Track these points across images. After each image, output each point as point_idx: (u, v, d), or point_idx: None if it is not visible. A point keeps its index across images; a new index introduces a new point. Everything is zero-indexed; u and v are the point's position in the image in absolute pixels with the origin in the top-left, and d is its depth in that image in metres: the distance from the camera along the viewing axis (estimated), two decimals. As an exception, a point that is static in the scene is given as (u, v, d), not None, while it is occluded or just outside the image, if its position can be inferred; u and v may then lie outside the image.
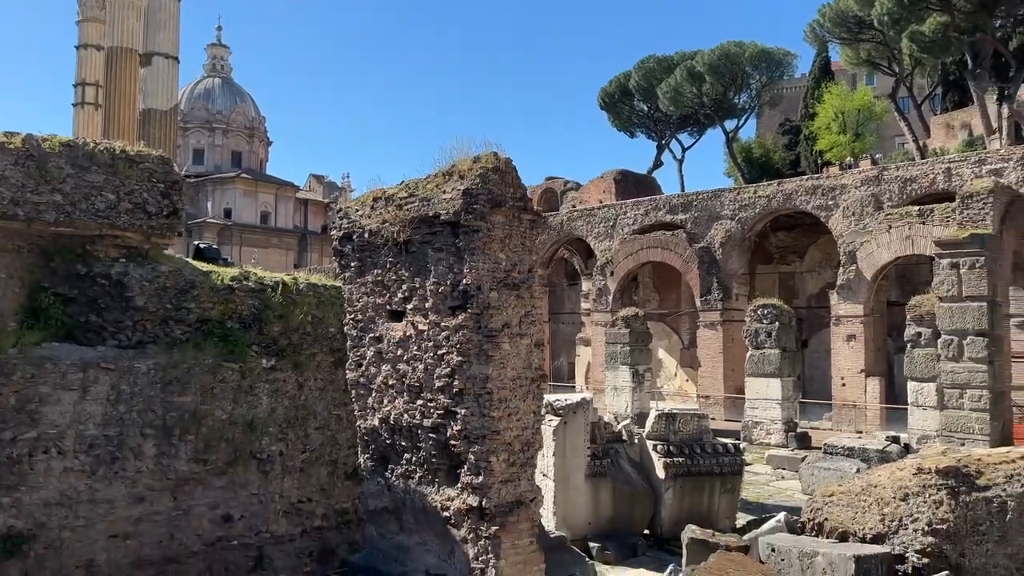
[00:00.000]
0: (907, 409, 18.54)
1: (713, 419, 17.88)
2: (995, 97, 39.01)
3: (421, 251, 6.24)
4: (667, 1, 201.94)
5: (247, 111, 70.37)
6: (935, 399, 17.09)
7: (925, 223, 21.99)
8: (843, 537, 8.63)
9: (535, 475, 6.33)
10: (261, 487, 7.70)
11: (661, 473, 11.03)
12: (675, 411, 11.92)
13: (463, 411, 5.98)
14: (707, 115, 50.06)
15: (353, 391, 6.92)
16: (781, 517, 9.82)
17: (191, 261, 8.70)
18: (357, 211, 6.81)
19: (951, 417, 16.24)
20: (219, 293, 7.83)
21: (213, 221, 60.21)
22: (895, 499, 8.55)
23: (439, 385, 6.12)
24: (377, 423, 6.63)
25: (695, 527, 9.14)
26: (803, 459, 16.10)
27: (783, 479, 16.78)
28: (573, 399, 10.82)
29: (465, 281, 5.95)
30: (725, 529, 10.58)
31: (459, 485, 6.03)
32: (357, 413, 6.87)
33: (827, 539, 8.69)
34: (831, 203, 25.70)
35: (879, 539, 8.35)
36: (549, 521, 10.00)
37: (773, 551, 8.21)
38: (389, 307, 6.52)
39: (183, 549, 7.16)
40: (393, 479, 6.56)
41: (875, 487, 8.91)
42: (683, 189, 46.53)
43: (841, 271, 24.72)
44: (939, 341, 16.70)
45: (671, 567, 9.12)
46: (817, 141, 45.64)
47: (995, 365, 16.00)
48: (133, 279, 7.40)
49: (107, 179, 7.37)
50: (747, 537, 9.21)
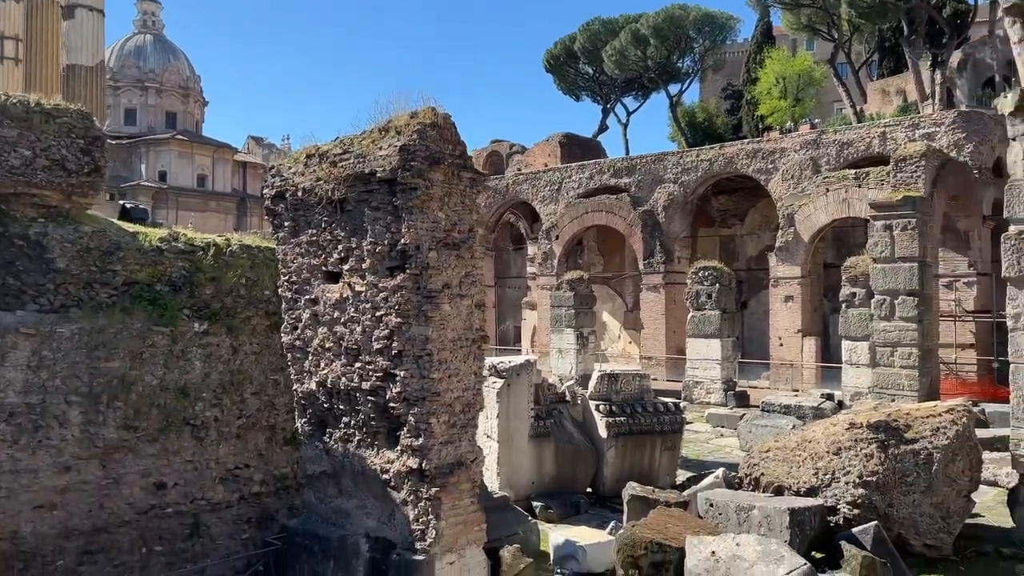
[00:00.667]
0: (841, 367, 19.11)
1: (655, 379, 18.16)
2: (929, 63, 39.91)
3: (357, 210, 6.06)
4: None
5: (181, 69, 67.75)
6: (868, 357, 17.64)
7: (861, 186, 22.50)
8: (779, 491, 8.86)
9: (476, 436, 6.29)
10: (196, 454, 7.49)
11: (603, 432, 11.15)
12: (617, 372, 12.03)
13: (402, 373, 5.88)
14: (651, 79, 50.08)
15: (289, 355, 6.75)
16: (719, 473, 10.03)
17: (117, 222, 8.32)
18: (290, 169, 6.58)
19: (882, 374, 16.79)
20: (147, 255, 7.51)
21: (147, 184, 58.13)
22: (828, 453, 8.79)
23: (378, 347, 6.00)
24: (314, 387, 6.48)
25: (636, 484, 9.29)
26: (741, 417, 16.50)
27: (722, 436, 17.18)
28: (517, 361, 10.81)
29: (403, 241, 5.81)
30: (665, 486, 10.78)
31: (399, 448, 5.95)
32: (293, 377, 6.71)
33: (763, 493, 8.91)
34: (771, 167, 26.08)
35: (813, 492, 8.59)
36: (493, 482, 10.03)
37: (711, 506, 8.39)
38: (325, 268, 6.34)
39: (114, 518, 6.94)
40: (332, 443, 6.44)
41: (810, 442, 9.14)
42: (628, 153, 46.66)
43: (780, 234, 25.19)
44: (872, 301, 17.19)
45: (612, 524, 9.26)
46: (758, 106, 46.16)
47: (924, 324, 16.55)
48: (53, 240, 7.03)
49: (21, 134, 6.95)
50: (686, 493, 9.39)
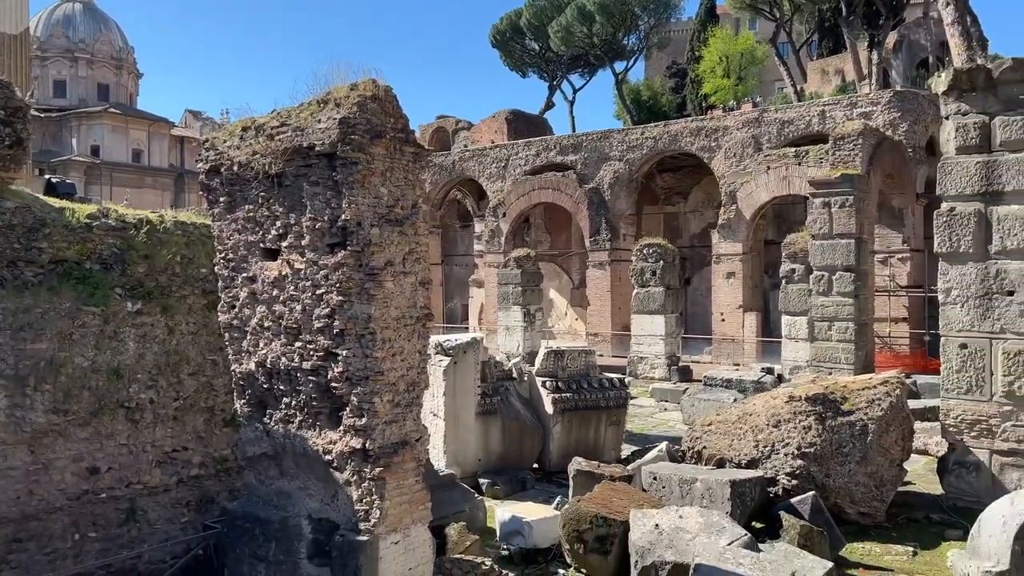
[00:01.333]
0: (781, 342, 19.58)
1: (601, 355, 18.34)
2: (866, 44, 40.82)
3: (296, 185, 5.88)
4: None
5: (113, 40, 65.23)
6: (806, 332, 18.09)
7: (801, 164, 22.95)
8: (720, 464, 9.03)
9: (423, 415, 6.22)
10: (131, 437, 7.26)
11: (550, 408, 11.20)
12: (563, 348, 12.08)
13: (345, 352, 5.76)
14: (597, 56, 50.12)
15: (227, 334, 6.55)
16: (663, 447, 10.18)
17: (42, 197, 7.95)
18: (225, 142, 6.34)
19: (820, 348, 17.25)
20: (75, 232, 7.20)
21: (79, 159, 56.04)
22: (768, 426, 8.99)
23: (318, 326, 5.86)
24: (253, 367, 6.31)
25: (581, 459, 9.35)
26: (684, 391, 16.77)
27: (666, 411, 17.46)
28: (463, 339, 10.75)
29: (344, 217, 5.66)
30: (610, 460, 10.90)
31: (342, 428, 5.84)
32: (231, 357, 6.52)
33: (705, 466, 9.08)
34: (714, 144, 26.40)
35: (753, 464, 8.78)
36: (440, 460, 10.00)
37: (655, 479, 8.51)
38: (263, 245, 6.15)
39: (44, 505, 6.69)
40: (272, 424, 6.30)
41: (750, 415, 9.33)
42: (574, 130, 46.71)
43: (722, 211, 25.58)
44: (811, 277, 17.60)
45: (558, 499, 9.32)
46: (702, 84, 46.64)
47: (860, 299, 17.03)
48: (-28, 216, 6.69)
49: (-66, 104, 6.58)
50: (631, 467, 9.51)
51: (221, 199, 6.40)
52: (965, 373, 9.16)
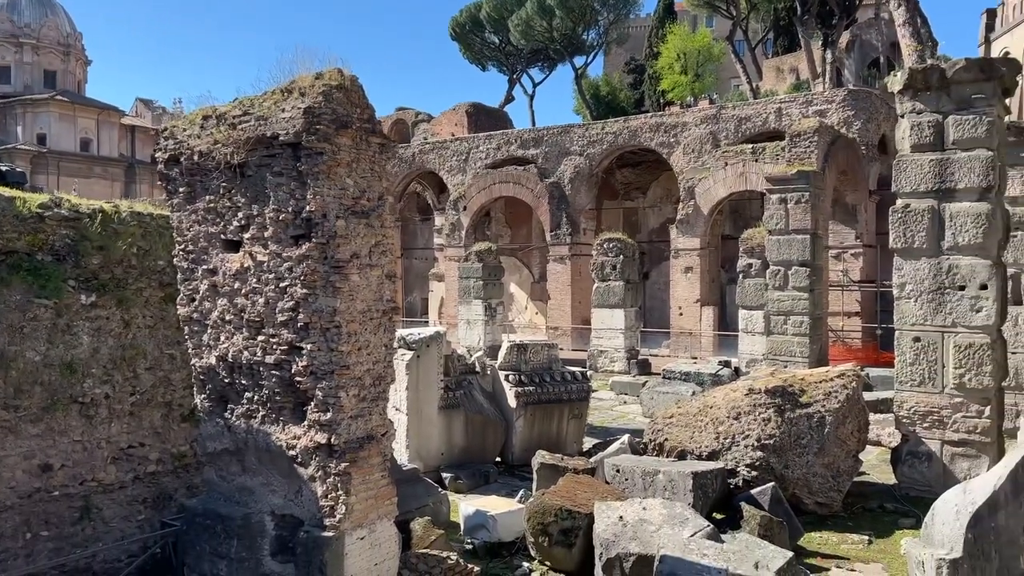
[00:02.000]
0: (738, 335, 19.87)
1: (562, 349, 18.37)
2: (820, 43, 41.58)
3: (259, 175, 5.76)
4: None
5: (60, 25, 63.21)
6: (763, 325, 18.39)
7: (757, 160, 23.28)
8: (682, 456, 9.12)
9: (387, 409, 6.16)
10: (85, 433, 7.06)
11: (513, 402, 11.20)
12: (526, 342, 12.08)
13: (309, 346, 5.67)
14: (557, 50, 50.20)
15: (186, 328, 6.40)
16: (625, 439, 10.25)
17: (-10, 186, 7.68)
18: (185, 131, 6.18)
19: (776, 341, 17.55)
20: (25, 222, 6.94)
21: (24, 148, 54.24)
22: (728, 418, 9.10)
23: (282, 319, 5.76)
24: (214, 361, 6.18)
25: (545, 452, 9.37)
26: (644, 384, 16.92)
27: (626, 403, 17.60)
28: (427, 333, 10.69)
29: (309, 208, 5.57)
30: (573, 453, 10.95)
31: (306, 423, 5.75)
32: (191, 351, 6.37)
33: (667, 458, 9.16)
34: (673, 140, 26.64)
35: (714, 456, 8.89)
36: (403, 454, 9.93)
37: (618, 471, 8.57)
38: (224, 236, 6.02)
39: (-6, 504, 6.48)
40: (234, 419, 6.17)
41: (711, 408, 9.44)
42: (534, 124, 46.75)
43: (681, 206, 25.83)
44: (767, 272, 17.88)
45: (522, 492, 9.33)
46: (660, 80, 47.04)
47: (815, 293, 17.36)
48: (-84, 205, 6.42)
49: None
50: (593, 460, 9.55)
51: (180, 189, 6.24)
52: (918, 366, 9.39)
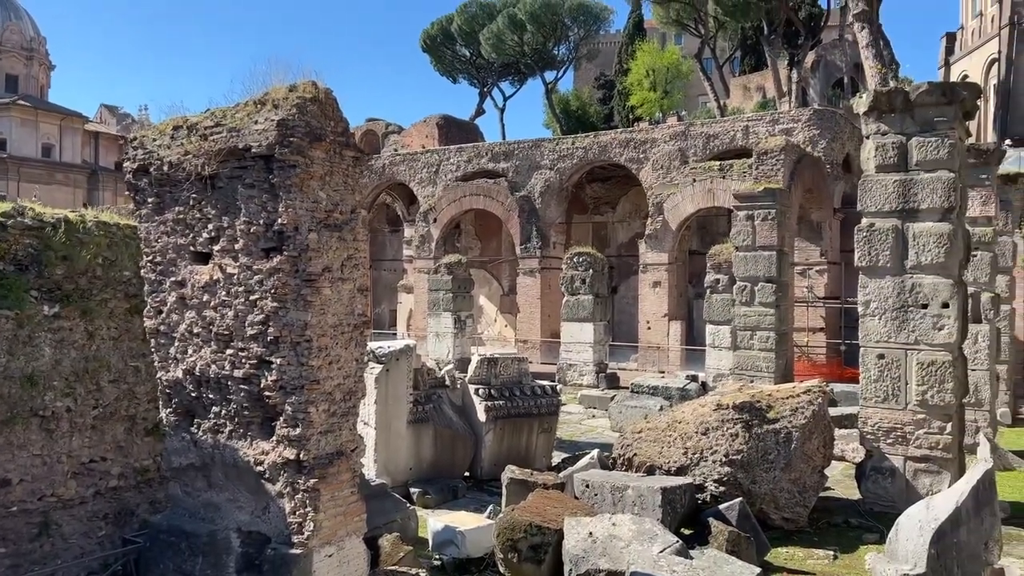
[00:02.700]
0: (705, 350, 20.04)
1: (531, 362, 18.38)
2: (786, 63, 42.38)
3: (230, 187, 5.70)
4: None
5: (24, 29, 62.16)
6: (729, 340, 18.57)
7: (725, 177, 23.60)
8: (650, 471, 9.16)
9: (357, 424, 6.10)
10: (45, 447, 6.88)
11: (482, 416, 11.17)
12: (496, 356, 12.06)
13: (279, 360, 5.60)
14: (528, 65, 50.52)
15: (153, 340, 6.29)
16: (595, 454, 10.27)
17: (-50, 193, 7.50)
18: (155, 141, 6.10)
19: (742, 356, 17.72)
20: (-13, 230, 6.80)
21: (-16, 152, 53.16)
22: (697, 434, 9.16)
23: (252, 333, 5.69)
24: (181, 375, 6.08)
25: (514, 468, 9.34)
26: (612, 398, 16.99)
27: (594, 417, 17.64)
28: (396, 346, 10.62)
29: (281, 221, 5.51)
30: (542, 467, 10.94)
31: (275, 438, 5.67)
32: (158, 364, 6.26)
33: (636, 473, 9.19)
34: (642, 156, 26.90)
35: (683, 471, 8.94)
36: (371, 469, 9.83)
37: (587, 487, 8.57)
38: (193, 248, 5.93)
39: (-52, 521, 6.29)
40: (200, 434, 6.07)
41: (679, 423, 9.49)
42: (504, 137, 46.93)
43: (649, 222, 26.07)
44: (734, 287, 18.08)
45: (491, 507, 9.28)
46: (629, 96, 47.54)
47: (781, 309, 17.58)
48: None
49: None
50: (563, 475, 9.55)
51: (149, 200, 6.15)
52: (882, 382, 9.55)
